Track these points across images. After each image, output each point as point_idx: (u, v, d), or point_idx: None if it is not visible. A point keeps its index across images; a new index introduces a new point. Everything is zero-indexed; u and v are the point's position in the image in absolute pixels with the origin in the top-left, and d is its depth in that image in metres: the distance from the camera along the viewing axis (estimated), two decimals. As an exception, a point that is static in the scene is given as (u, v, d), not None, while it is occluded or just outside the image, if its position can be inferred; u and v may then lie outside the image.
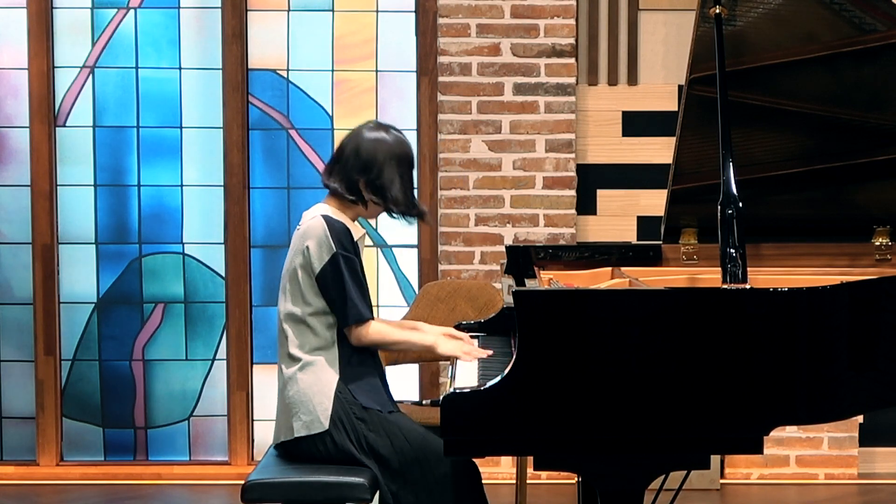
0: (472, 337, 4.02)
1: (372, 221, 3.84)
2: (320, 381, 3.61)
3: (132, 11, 5.58)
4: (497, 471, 5.44)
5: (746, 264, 3.34)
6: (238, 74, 5.53)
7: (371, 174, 3.62)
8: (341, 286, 3.56)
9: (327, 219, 3.61)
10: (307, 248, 3.59)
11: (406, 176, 3.66)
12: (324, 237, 3.58)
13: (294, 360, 3.64)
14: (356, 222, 3.73)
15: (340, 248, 3.57)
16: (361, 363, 3.66)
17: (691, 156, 4.01)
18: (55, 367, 5.58)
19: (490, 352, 3.69)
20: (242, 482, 3.57)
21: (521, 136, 5.47)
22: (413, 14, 5.57)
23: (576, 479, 4.66)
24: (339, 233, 3.59)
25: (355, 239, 3.65)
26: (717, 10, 3.76)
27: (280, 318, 3.72)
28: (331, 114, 5.61)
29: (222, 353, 5.62)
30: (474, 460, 3.69)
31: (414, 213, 3.71)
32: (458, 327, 4.15)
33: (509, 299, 4.11)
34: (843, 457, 5.51)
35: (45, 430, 5.59)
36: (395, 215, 3.70)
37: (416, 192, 3.78)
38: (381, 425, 3.60)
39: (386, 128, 3.70)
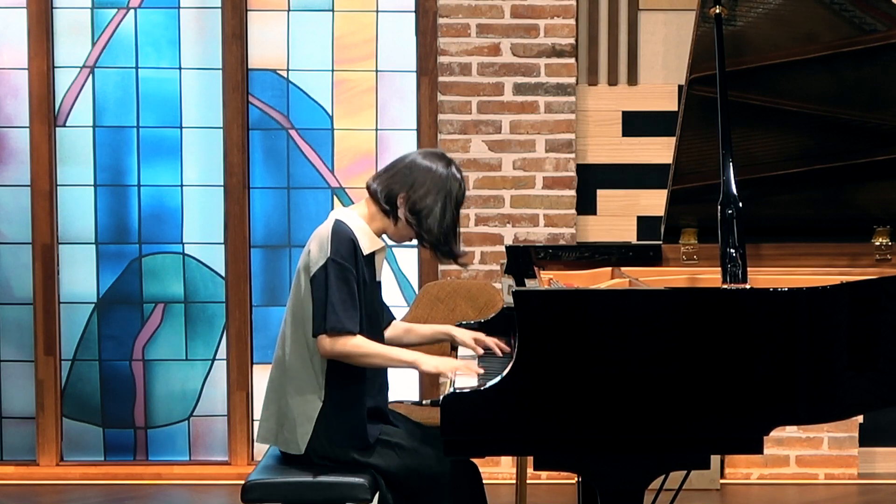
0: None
1: (389, 241, 3.75)
2: (306, 401, 3.56)
3: (132, 11, 5.58)
4: (497, 471, 5.44)
5: (746, 264, 3.34)
6: (238, 74, 5.53)
7: (414, 194, 3.56)
8: (323, 292, 3.48)
9: (337, 224, 3.56)
10: (310, 250, 3.57)
11: (448, 212, 3.57)
12: (325, 241, 3.53)
13: (286, 370, 3.61)
14: (381, 237, 3.66)
15: (336, 254, 3.50)
16: (352, 388, 3.57)
17: (691, 156, 4.01)
18: (55, 367, 5.58)
19: (481, 370, 3.50)
20: (242, 482, 3.57)
21: (521, 136, 5.47)
22: (413, 14, 5.57)
23: (576, 479, 4.66)
24: (340, 240, 3.52)
25: (369, 251, 3.59)
26: (717, 10, 3.76)
27: (284, 317, 3.70)
28: (331, 114, 5.61)
29: (222, 353, 5.62)
30: (475, 462, 3.69)
31: (444, 251, 3.62)
32: (458, 327, 4.15)
33: (509, 299, 4.11)
34: (843, 457, 5.51)
35: (45, 430, 5.59)
36: (425, 244, 3.62)
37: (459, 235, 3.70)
38: (366, 449, 3.56)
39: (448, 161, 3.62)
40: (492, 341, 3.81)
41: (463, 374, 3.44)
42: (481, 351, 3.73)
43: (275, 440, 3.64)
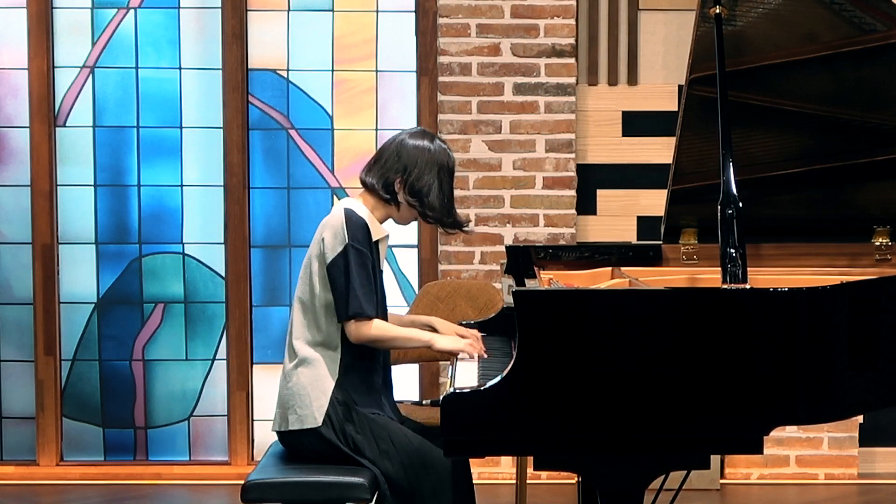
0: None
1: (397, 226, 3.83)
2: (319, 378, 3.62)
3: (132, 11, 5.58)
4: (497, 471, 5.44)
5: (746, 264, 3.34)
6: (238, 74, 5.53)
7: (410, 176, 3.64)
8: (346, 278, 3.57)
9: (348, 212, 3.63)
10: (323, 238, 3.63)
11: (445, 184, 3.68)
12: (339, 228, 3.60)
13: (296, 353, 3.66)
14: (383, 225, 3.74)
15: (354, 240, 3.58)
16: (364, 370, 3.67)
17: (691, 156, 4.01)
18: (55, 367, 5.58)
19: (485, 354, 3.68)
20: (242, 482, 3.57)
21: (521, 136, 5.47)
22: (413, 14, 5.57)
23: (576, 479, 4.66)
24: (355, 226, 3.60)
25: (375, 238, 3.66)
26: (717, 10, 3.76)
27: (292, 306, 3.74)
28: (331, 114, 5.61)
29: (222, 353, 5.62)
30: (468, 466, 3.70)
31: (448, 223, 3.73)
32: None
33: (509, 299, 4.11)
34: (843, 457, 5.51)
35: (45, 430, 5.59)
36: (430, 221, 3.72)
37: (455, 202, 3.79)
38: (369, 428, 3.61)
39: (431, 136, 3.72)
40: (474, 336, 3.83)
41: (467, 360, 3.59)
42: (472, 351, 3.74)
43: (287, 424, 3.64)
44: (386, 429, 3.63)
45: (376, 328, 3.61)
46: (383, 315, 3.74)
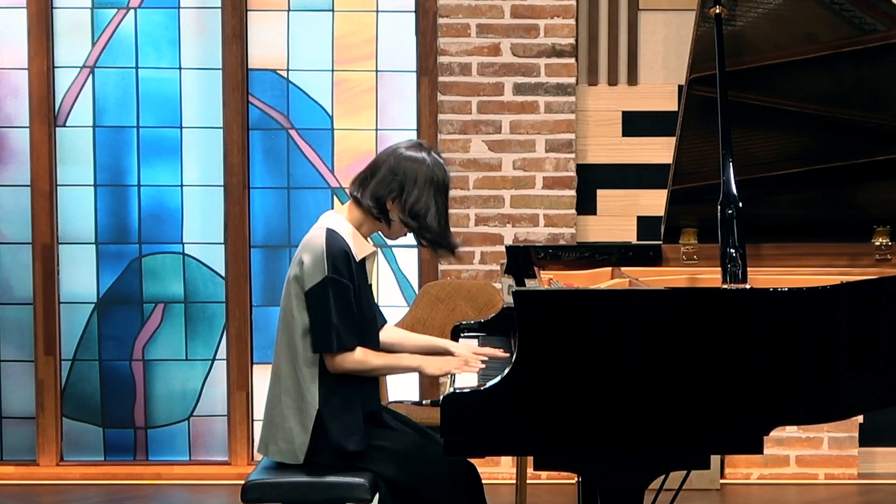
0: (471, 337, 4.01)
1: (388, 241, 3.73)
2: (301, 410, 3.53)
3: (132, 11, 5.58)
4: (497, 471, 5.44)
5: (746, 264, 3.34)
6: (238, 74, 5.53)
7: (409, 197, 3.49)
8: (326, 312, 3.46)
9: (330, 235, 3.50)
10: (303, 261, 3.51)
11: (441, 203, 3.52)
12: (320, 256, 3.48)
13: (280, 376, 3.58)
14: (369, 239, 3.63)
15: (333, 271, 3.46)
16: (346, 393, 3.55)
17: (691, 156, 4.01)
18: (55, 367, 5.58)
19: (482, 365, 3.55)
20: (242, 482, 3.57)
21: (521, 136, 5.47)
22: (413, 14, 5.57)
23: (576, 479, 4.66)
24: (336, 254, 3.47)
25: (360, 257, 3.55)
26: (717, 10, 3.76)
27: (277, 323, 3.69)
28: (331, 114, 5.61)
29: (222, 353, 5.62)
30: (474, 463, 3.69)
31: (444, 245, 3.56)
32: (458, 327, 4.15)
33: (509, 299, 4.11)
34: (843, 457, 5.51)
35: (45, 430, 5.59)
36: (424, 241, 3.56)
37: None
38: (361, 461, 3.54)
39: (427, 149, 3.56)
40: (489, 351, 3.73)
41: (467, 371, 3.44)
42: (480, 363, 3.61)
43: (268, 452, 3.59)
44: (381, 449, 3.55)
45: (355, 361, 3.50)
46: (374, 335, 3.64)
